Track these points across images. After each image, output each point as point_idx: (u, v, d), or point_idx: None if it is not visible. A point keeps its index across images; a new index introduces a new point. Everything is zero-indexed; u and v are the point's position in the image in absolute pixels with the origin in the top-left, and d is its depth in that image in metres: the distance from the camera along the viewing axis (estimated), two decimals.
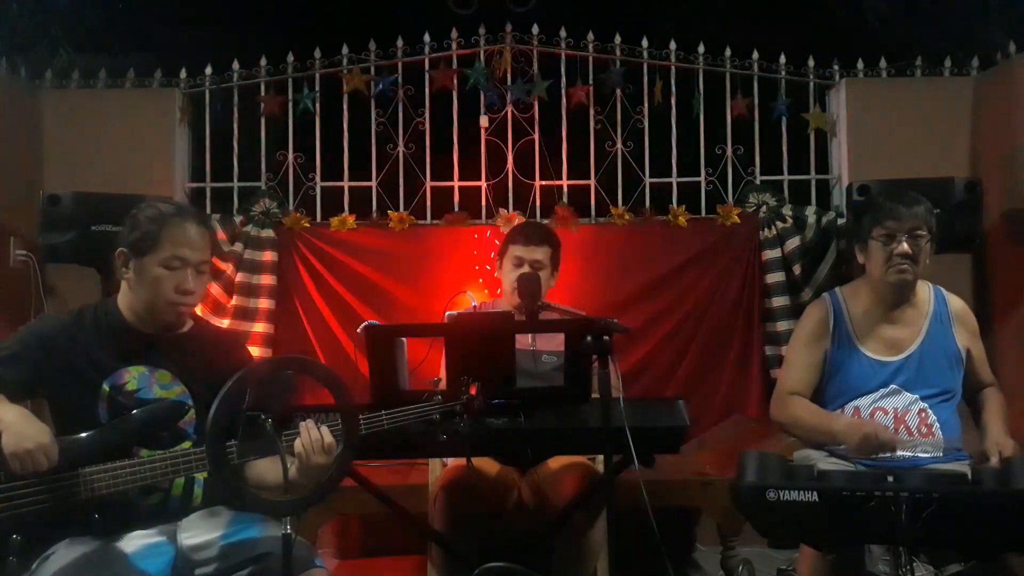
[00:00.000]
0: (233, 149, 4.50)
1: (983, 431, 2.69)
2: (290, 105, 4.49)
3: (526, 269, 3.05)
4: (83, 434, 2.01)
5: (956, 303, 2.81)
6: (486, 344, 2.39)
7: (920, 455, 2.61)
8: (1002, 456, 2.51)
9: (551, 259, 3.12)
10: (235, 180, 4.51)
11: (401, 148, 4.46)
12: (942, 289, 2.82)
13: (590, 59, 4.47)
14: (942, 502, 1.91)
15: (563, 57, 4.47)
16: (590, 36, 4.48)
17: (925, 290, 2.77)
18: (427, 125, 4.47)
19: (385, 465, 3.34)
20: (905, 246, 2.64)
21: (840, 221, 4.31)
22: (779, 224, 4.33)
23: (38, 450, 1.87)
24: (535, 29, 4.46)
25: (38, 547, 1.94)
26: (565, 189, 4.48)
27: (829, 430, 2.63)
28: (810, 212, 4.37)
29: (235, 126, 4.50)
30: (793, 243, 4.30)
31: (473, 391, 2.10)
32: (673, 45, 4.50)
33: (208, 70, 4.50)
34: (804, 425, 2.71)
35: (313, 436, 1.93)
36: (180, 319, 2.19)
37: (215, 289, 4.23)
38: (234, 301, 4.26)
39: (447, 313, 2.64)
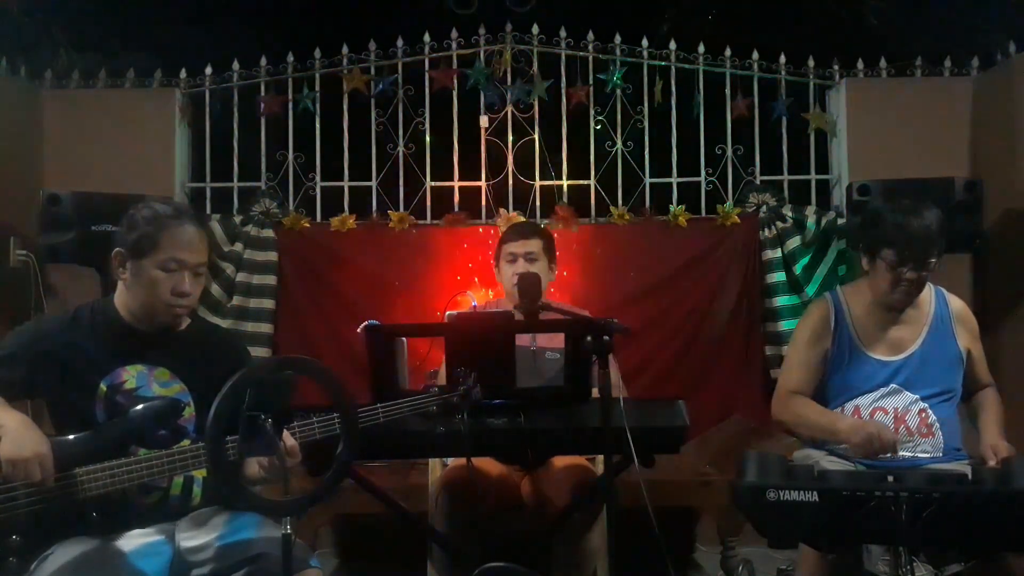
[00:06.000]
0: (233, 149, 4.50)
1: (980, 435, 2.70)
2: (290, 105, 4.49)
3: (522, 263, 3.07)
4: (80, 434, 2.01)
5: (957, 304, 2.81)
6: (486, 344, 2.39)
7: (920, 455, 2.61)
8: (998, 459, 2.51)
9: (545, 250, 3.13)
10: (235, 180, 4.51)
11: (401, 148, 4.46)
12: (943, 290, 2.82)
13: (590, 59, 4.47)
14: (942, 502, 1.91)
15: (563, 57, 4.47)
16: (590, 36, 4.48)
17: (926, 291, 2.77)
18: (427, 125, 4.47)
19: (385, 465, 3.35)
20: (914, 272, 2.62)
21: (840, 221, 4.30)
22: (779, 224, 4.33)
23: (34, 460, 1.87)
24: (535, 29, 4.46)
25: (37, 547, 1.94)
26: (565, 189, 4.48)
27: (832, 428, 2.63)
28: (810, 212, 4.37)
29: (235, 126, 4.50)
30: (793, 243, 4.30)
31: (470, 382, 2.11)
32: (673, 45, 4.50)
33: (208, 70, 4.50)
34: (807, 423, 2.71)
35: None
36: (177, 320, 2.19)
37: (215, 289, 4.23)
38: (234, 301, 4.26)
39: (447, 313, 2.64)
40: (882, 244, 2.64)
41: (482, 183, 4.47)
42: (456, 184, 4.48)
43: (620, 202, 4.45)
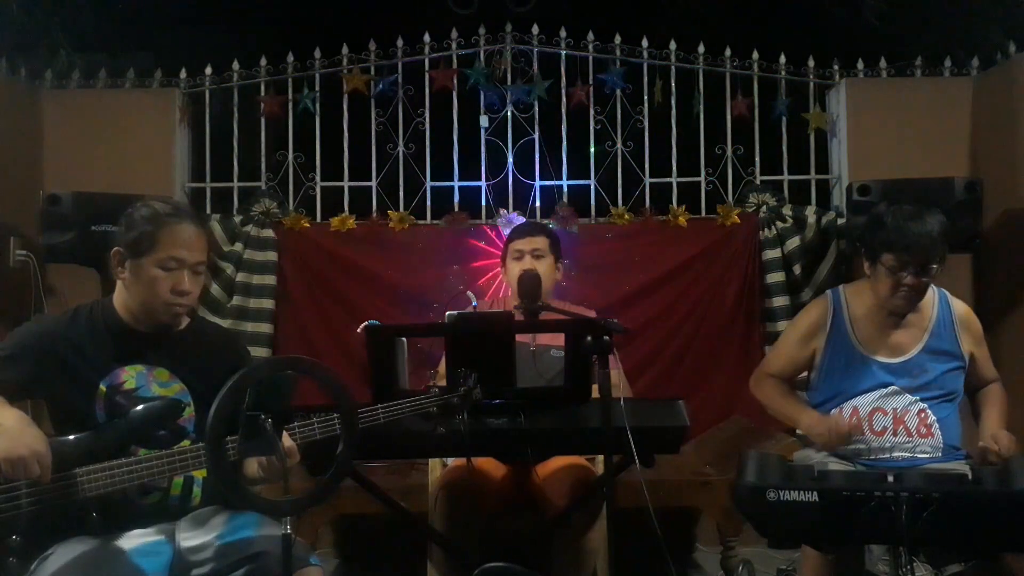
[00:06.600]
0: (233, 149, 4.50)
1: (980, 426, 2.69)
2: (290, 105, 4.49)
3: (528, 260, 3.08)
4: (80, 435, 2.00)
5: (960, 307, 2.79)
6: (486, 344, 2.39)
7: (919, 455, 2.61)
8: (998, 448, 2.50)
9: (551, 248, 3.14)
10: (235, 180, 4.51)
11: (401, 148, 4.47)
12: (946, 293, 2.81)
13: (590, 59, 4.47)
14: (942, 502, 1.91)
15: (563, 57, 4.47)
16: (590, 36, 4.48)
17: (929, 293, 2.76)
18: (427, 125, 4.47)
19: (385, 465, 3.35)
20: (914, 279, 2.61)
21: (840, 221, 4.30)
22: (779, 224, 4.33)
23: (32, 457, 1.86)
24: (535, 29, 4.46)
25: (37, 547, 1.94)
26: (565, 189, 4.48)
27: (795, 420, 2.72)
28: (810, 212, 4.37)
29: (235, 126, 4.50)
30: (793, 243, 4.30)
31: (471, 383, 2.11)
32: (673, 45, 4.50)
33: (208, 70, 4.50)
34: (774, 408, 2.81)
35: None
36: (176, 320, 2.19)
37: (215, 289, 4.23)
38: (234, 301, 4.26)
39: (447, 313, 2.64)
40: (883, 249, 2.63)
41: (482, 183, 4.47)
42: (456, 184, 4.48)
43: (620, 202, 4.45)
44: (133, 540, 2.01)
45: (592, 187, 4.47)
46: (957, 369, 2.72)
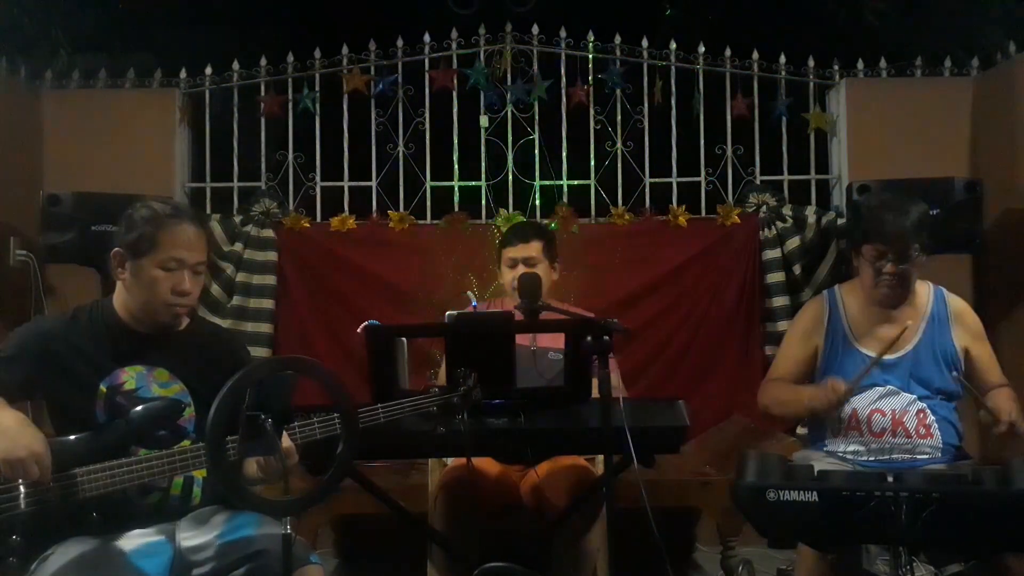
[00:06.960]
0: (233, 149, 4.50)
1: (989, 404, 2.65)
2: (290, 105, 4.49)
3: (522, 268, 3.06)
4: (80, 435, 2.00)
5: (957, 303, 2.80)
6: (486, 344, 2.39)
7: (919, 456, 2.61)
8: (1009, 419, 2.49)
9: (545, 252, 3.13)
10: (235, 180, 4.52)
11: (401, 148, 4.47)
12: (943, 290, 2.82)
13: (590, 59, 4.47)
14: (942, 502, 1.91)
15: (563, 57, 4.47)
16: (590, 36, 4.48)
17: (925, 290, 2.77)
18: (427, 125, 4.47)
19: (385, 465, 3.35)
20: (892, 266, 2.64)
21: (840, 221, 4.31)
22: (779, 224, 4.33)
23: (30, 458, 1.86)
24: (535, 29, 4.47)
25: (37, 547, 1.94)
26: (565, 189, 4.48)
27: (798, 398, 2.71)
28: (810, 212, 4.37)
29: (235, 126, 4.50)
30: (793, 243, 4.30)
31: (471, 382, 2.11)
32: (673, 45, 4.50)
33: (208, 70, 4.50)
34: (779, 400, 2.80)
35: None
36: (176, 320, 2.19)
37: (215, 289, 4.23)
38: (234, 301, 4.26)
39: (447, 313, 2.64)
40: (862, 239, 2.69)
41: (482, 183, 4.47)
42: (456, 184, 4.48)
43: (620, 202, 4.45)
44: (133, 540, 2.02)
45: (592, 187, 4.47)
46: (953, 366, 2.72)
